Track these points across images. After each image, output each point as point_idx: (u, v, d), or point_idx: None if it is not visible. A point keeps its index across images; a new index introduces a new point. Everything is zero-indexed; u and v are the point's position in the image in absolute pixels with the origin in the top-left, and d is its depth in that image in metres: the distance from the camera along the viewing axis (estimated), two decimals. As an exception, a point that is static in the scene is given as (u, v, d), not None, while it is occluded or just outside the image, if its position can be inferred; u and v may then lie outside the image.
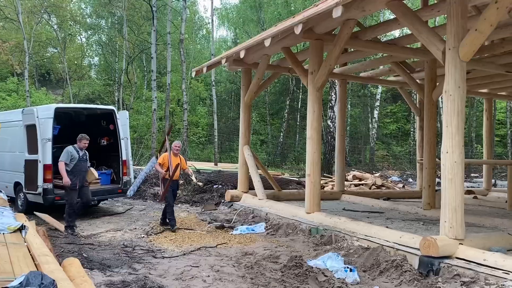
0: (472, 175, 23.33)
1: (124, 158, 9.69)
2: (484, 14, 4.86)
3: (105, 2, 28.70)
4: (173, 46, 25.71)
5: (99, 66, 35.20)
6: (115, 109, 9.98)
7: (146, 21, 28.96)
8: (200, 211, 9.86)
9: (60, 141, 10.15)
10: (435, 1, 8.24)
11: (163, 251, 6.27)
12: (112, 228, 7.98)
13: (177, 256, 5.98)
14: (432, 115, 8.97)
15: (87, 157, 7.81)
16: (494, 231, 6.55)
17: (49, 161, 8.46)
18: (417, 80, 10.65)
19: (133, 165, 14.12)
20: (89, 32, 32.65)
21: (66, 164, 7.36)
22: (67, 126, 10.32)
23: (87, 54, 34.05)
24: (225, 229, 7.89)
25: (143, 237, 7.28)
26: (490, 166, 14.01)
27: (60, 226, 7.66)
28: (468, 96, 19.41)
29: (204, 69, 10.02)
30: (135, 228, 7.98)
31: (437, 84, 8.92)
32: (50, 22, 29.95)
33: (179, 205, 11.01)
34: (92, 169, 8.31)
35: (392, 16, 10.10)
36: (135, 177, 12.29)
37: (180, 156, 8.22)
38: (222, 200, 10.42)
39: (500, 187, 15.51)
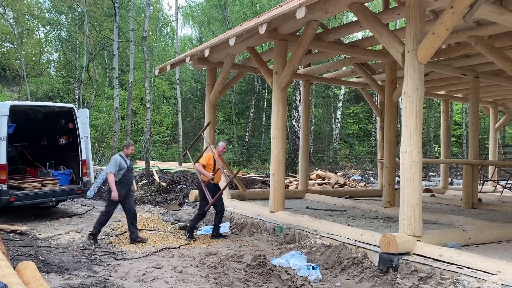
0: (430, 174, 24.21)
1: (84, 157, 9.41)
2: (441, 18, 5.04)
3: (64, -3, 27.81)
4: (136, 43, 25.19)
5: (58, 62, 33.98)
6: (75, 107, 9.67)
7: (108, 18, 28.25)
8: (163, 212, 9.72)
9: (15, 140, 9.74)
10: (396, 5, 8.49)
11: (125, 253, 6.13)
12: (71, 229, 7.73)
13: (139, 257, 5.87)
14: (392, 116, 9.22)
15: (132, 166, 7.25)
16: (450, 227, 6.81)
17: (3, 160, 8.08)
18: (378, 82, 10.93)
19: (94, 165, 13.74)
20: (48, 28, 31.46)
21: (114, 175, 6.74)
22: (24, 124, 9.92)
23: (45, 50, 32.81)
24: (188, 229, 7.80)
25: (104, 238, 7.09)
26: (447, 165, 14.57)
27: (17, 228, 7.34)
28: (426, 98, 20.12)
29: (168, 67, 9.87)
30: (96, 230, 7.75)
31: (397, 85, 9.18)
32: (5, 16, 28.64)
33: (141, 205, 10.81)
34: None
35: (355, 18, 10.29)
36: (95, 178, 11.96)
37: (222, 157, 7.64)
38: (186, 200, 10.31)
39: (456, 185, 16.16)
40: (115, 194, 6.68)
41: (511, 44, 8.18)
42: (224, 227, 7.59)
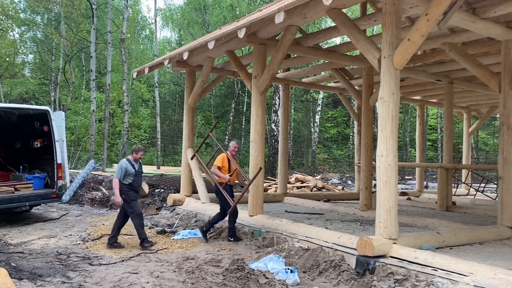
0: (407, 177, 24.64)
1: (59, 161, 9.21)
2: (416, 25, 5.15)
3: (40, -3, 27.26)
4: (114, 45, 24.91)
5: (33, 64, 33.25)
6: (50, 110, 9.47)
7: (85, 19, 27.81)
8: (141, 216, 9.58)
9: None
10: (373, 11, 8.64)
11: (100, 258, 6.02)
12: (45, 235, 7.55)
13: (115, 262, 5.77)
14: (369, 120, 9.36)
15: (142, 169, 7.20)
16: (425, 230, 6.93)
17: (-26, 164, 7.84)
18: (356, 87, 11.09)
19: (70, 169, 13.47)
20: (22, 28, 30.77)
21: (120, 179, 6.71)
22: (-4, 126, 9.66)
23: (20, 51, 32.05)
24: (166, 234, 7.74)
25: (79, 243, 6.95)
26: (422, 169, 14.87)
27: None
28: (402, 103, 20.50)
29: (146, 70, 9.78)
30: (71, 235, 7.60)
31: (374, 90, 9.33)
32: (-22, 16, 27.92)
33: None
34: (144, 183, 7.54)
35: (333, 24, 10.44)
36: (71, 181, 11.73)
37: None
38: (164, 205, 10.21)
39: (431, 189, 16.50)
40: (118, 200, 6.69)
41: (483, 51, 8.43)
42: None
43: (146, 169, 17.66)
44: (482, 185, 14.72)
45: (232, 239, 7.03)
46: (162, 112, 29.50)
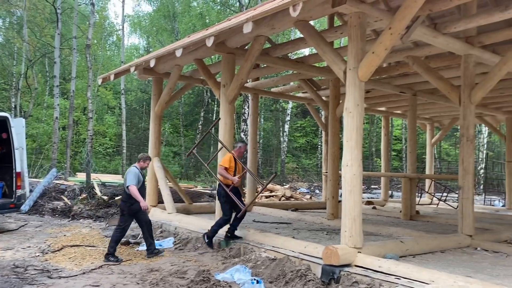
0: (373, 186, 25.14)
1: (18, 169, 8.85)
2: (380, 38, 5.28)
3: (2, 0, 26.30)
4: (80, 51, 24.35)
5: (-7, 68, 32.00)
6: (9, 116, 9.10)
7: (50, 24, 27.06)
8: (104, 227, 9.32)
9: None
10: (340, 23, 8.83)
11: (60, 271, 5.79)
12: (1, 247, 7.20)
13: (76, 275, 5.56)
14: (336, 131, 9.50)
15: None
16: (389, 239, 7.05)
17: None
18: (323, 97, 11.25)
19: (30, 178, 12.97)
20: (-18, 31, 29.63)
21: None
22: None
23: (-21, 55, 30.81)
24: (130, 245, 7.54)
25: (38, 256, 6.66)
26: (387, 178, 15.20)
27: None
28: (368, 114, 20.99)
29: (112, 77, 9.58)
30: (29, 246, 7.28)
31: (340, 101, 9.48)
32: None
33: (80, 220, 10.34)
34: None
35: (301, 35, 10.58)
36: (31, 191, 11.28)
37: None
38: (129, 214, 9.95)
39: (396, 198, 16.87)
40: (144, 204, 6.62)
41: (444, 65, 8.74)
42: (168, 242, 7.40)
43: (111, 178, 17.26)
44: (444, 194, 15.19)
45: (229, 236, 6.78)
46: (129, 119, 28.97)
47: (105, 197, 11.54)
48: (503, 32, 6.87)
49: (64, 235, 8.34)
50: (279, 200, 14.21)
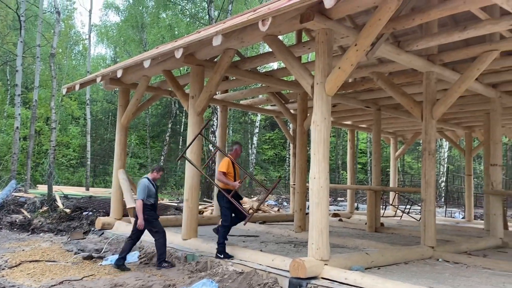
0: (339, 199, 25.51)
1: (-26, 181, 8.45)
2: (346, 55, 5.42)
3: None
4: (43, 60, 23.70)
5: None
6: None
7: (12, 31, 26.22)
8: (66, 241, 8.99)
9: None
10: (308, 39, 9.00)
11: (18, 287, 5.53)
12: (-47, 264, 6.81)
13: (34, 292, 5.32)
14: (303, 143, 9.62)
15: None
16: (355, 251, 7.15)
17: None
18: (291, 110, 11.39)
19: (-13, 190, 12.41)
20: None
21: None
22: None
23: None
24: (93, 259, 7.30)
25: (-7, 272, 6.34)
26: (353, 191, 15.47)
27: None
28: (335, 127, 21.37)
29: (77, 87, 9.37)
30: (-16, 263, 6.92)
31: (308, 115, 9.63)
32: None
33: (41, 234, 9.94)
34: None
35: (270, 49, 10.72)
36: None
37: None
38: (92, 228, 9.68)
39: (362, 210, 17.16)
40: (141, 223, 6.58)
41: (407, 81, 9.05)
42: (133, 257, 7.22)
43: (74, 190, 16.76)
44: (408, 206, 15.59)
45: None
46: (94, 130, 28.33)
47: (68, 210, 11.17)
48: (462, 51, 7.21)
49: (23, 250, 7.98)
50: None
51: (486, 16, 6.33)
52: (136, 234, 6.85)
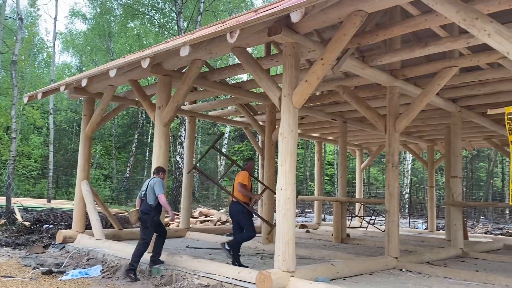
0: (307, 210, 25.70)
1: None
2: (313, 68, 5.51)
3: None
4: (4, 67, 22.89)
5: None
6: None
7: (-29, 36, 25.23)
8: (24, 255, 8.60)
9: None
10: (277, 52, 9.11)
11: (-31, 306, 5.23)
12: None
13: (-12, 310, 5.05)
14: (271, 155, 9.65)
15: None
16: (321, 262, 7.20)
17: None
18: (260, 122, 11.45)
19: None
20: None
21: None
22: None
23: None
24: (53, 274, 7.01)
25: None
26: (320, 202, 15.63)
27: None
28: (303, 139, 21.63)
29: (39, 95, 9.08)
30: None
31: (276, 126, 9.70)
32: None
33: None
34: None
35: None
36: None
37: None
38: (53, 242, 9.31)
39: (328, 221, 17.35)
40: (173, 214, 6.81)
41: (372, 95, 9.29)
42: (95, 271, 6.99)
43: (35, 202, 16.14)
44: (373, 217, 15.88)
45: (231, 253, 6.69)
46: (57, 140, 27.49)
47: (27, 223, 10.72)
48: (423, 67, 7.47)
49: (-23, 266, 7.58)
50: (215, 225, 14.03)
51: (445, 34, 6.62)
52: (160, 231, 6.87)
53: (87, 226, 9.34)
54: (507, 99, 8.88)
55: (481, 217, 23.95)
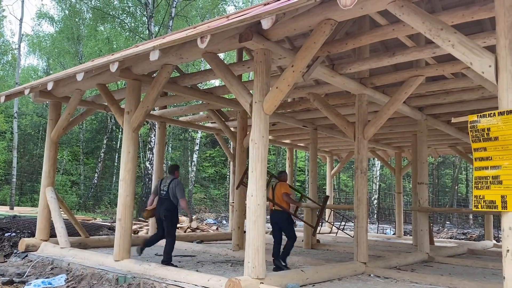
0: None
1: None
2: (283, 75, 5.54)
3: None
4: (-34, 68, 22.02)
5: None
6: None
7: None
8: (-17, 265, 8.23)
9: None
10: (248, 58, 9.13)
11: None
12: None
13: None
14: (243, 161, 9.63)
15: None
16: (292, 268, 7.21)
17: None
18: (231, 128, 11.41)
19: None
20: None
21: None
22: None
23: None
24: (15, 284, 6.73)
25: None
26: (291, 208, 15.66)
27: None
28: (274, 145, 21.71)
29: (2, 99, 8.75)
30: None
31: (248, 133, 9.70)
32: None
33: None
34: None
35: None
36: None
37: None
38: (15, 251, 8.95)
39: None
40: (191, 218, 7.49)
41: (342, 102, 9.42)
42: (59, 280, 6.75)
43: (-4, 209, 15.49)
44: (343, 223, 16.06)
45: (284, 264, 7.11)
46: (22, 145, 26.59)
47: (-13, 232, 10.26)
48: (391, 75, 7.65)
49: None
50: (184, 232, 13.85)
51: (412, 44, 6.80)
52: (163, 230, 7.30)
53: (52, 234, 9.03)
54: (471, 108, 9.20)
55: (447, 222, 24.68)
